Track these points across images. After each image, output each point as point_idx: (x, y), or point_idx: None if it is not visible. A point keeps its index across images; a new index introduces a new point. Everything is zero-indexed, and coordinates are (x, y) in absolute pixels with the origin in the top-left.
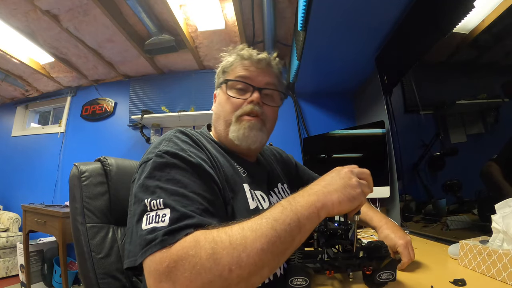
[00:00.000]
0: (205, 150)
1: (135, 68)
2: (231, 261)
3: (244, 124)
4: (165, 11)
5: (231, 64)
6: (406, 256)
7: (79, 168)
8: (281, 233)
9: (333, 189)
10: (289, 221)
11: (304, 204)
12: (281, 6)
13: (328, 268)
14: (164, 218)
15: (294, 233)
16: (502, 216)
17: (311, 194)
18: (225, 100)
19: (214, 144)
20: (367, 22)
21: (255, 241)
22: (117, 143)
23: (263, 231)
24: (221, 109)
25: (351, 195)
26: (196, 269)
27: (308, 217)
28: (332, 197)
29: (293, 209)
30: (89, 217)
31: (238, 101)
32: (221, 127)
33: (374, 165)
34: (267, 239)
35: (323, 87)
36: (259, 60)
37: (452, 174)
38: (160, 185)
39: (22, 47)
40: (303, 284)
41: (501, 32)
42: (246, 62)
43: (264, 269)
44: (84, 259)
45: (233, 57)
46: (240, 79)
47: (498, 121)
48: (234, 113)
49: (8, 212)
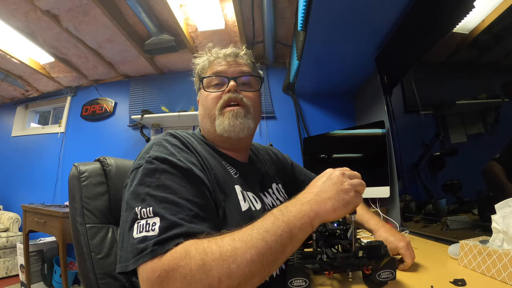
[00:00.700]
0: (195, 152)
1: (135, 68)
2: (221, 272)
3: (227, 114)
4: (165, 11)
5: (202, 67)
6: (409, 257)
7: (78, 168)
8: (271, 244)
9: (326, 197)
10: (280, 232)
11: (296, 214)
12: (281, 6)
13: (327, 268)
14: (154, 227)
15: (285, 243)
16: (502, 216)
17: (304, 203)
18: (205, 98)
19: (205, 145)
20: (367, 22)
21: (245, 253)
22: (117, 143)
23: (253, 243)
24: (203, 108)
25: (345, 200)
26: (186, 279)
27: (300, 228)
28: (326, 206)
29: (285, 219)
30: (88, 217)
31: (217, 94)
32: (208, 125)
33: (374, 165)
34: (257, 251)
35: (323, 87)
36: (227, 55)
37: (452, 174)
38: (150, 192)
39: (22, 47)
40: (302, 285)
41: (501, 32)
42: (216, 60)
43: (254, 279)
44: (83, 259)
45: (203, 59)
46: (215, 74)
47: (498, 121)
48: (216, 106)
49: (8, 212)
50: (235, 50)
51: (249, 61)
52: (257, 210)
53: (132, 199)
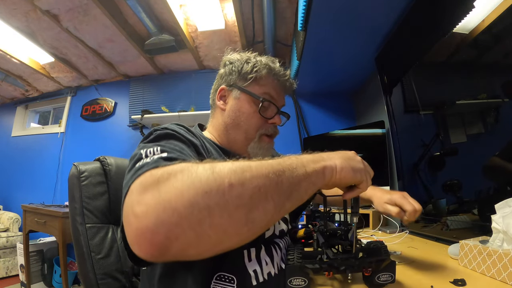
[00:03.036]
0: (200, 140)
1: (135, 68)
2: (233, 176)
3: (264, 145)
4: (165, 11)
5: (259, 74)
6: (407, 204)
7: (78, 168)
8: (286, 170)
9: (336, 156)
10: (295, 166)
11: (310, 158)
12: (281, 6)
13: (327, 269)
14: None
15: (299, 177)
16: (502, 216)
17: (315, 154)
18: (251, 113)
19: (209, 139)
20: (367, 22)
21: (260, 167)
22: (117, 143)
23: (268, 163)
24: (244, 120)
25: (354, 166)
26: (190, 179)
27: (314, 170)
28: (336, 161)
29: (299, 158)
30: (88, 217)
31: (264, 119)
32: (239, 137)
33: (374, 165)
34: (273, 169)
35: (323, 87)
36: (286, 81)
37: (452, 174)
38: (158, 143)
39: (22, 47)
40: (302, 285)
41: (501, 32)
42: (276, 80)
43: (268, 200)
44: (83, 260)
45: (264, 68)
46: (270, 99)
47: (498, 121)
48: (258, 131)
49: (8, 212)
50: (292, 80)
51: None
52: None
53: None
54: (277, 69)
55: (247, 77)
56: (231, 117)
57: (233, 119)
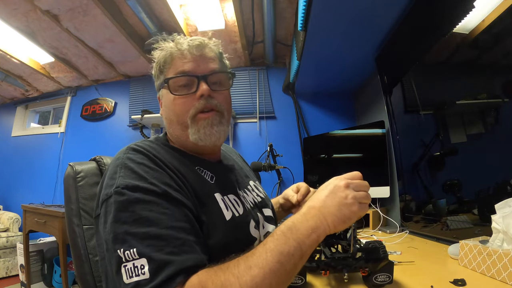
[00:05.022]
0: (166, 168)
1: (135, 68)
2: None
3: (202, 123)
4: (165, 11)
5: (164, 60)
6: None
7: (74, 168)
8: (286, 266)
9: (328, 212)
10: (293, 252)
11: (305, 232)
12: (281, 6)
13: (324, 268)
14: (144, 270)
15: (297, 262)
16: (502, 216)
17: (309, 219)
18: (172, 101)
19: (174, 152)
20: (367, 22)
21: (264, 279)
22: (117, 143)
23: (270, 267)
24: (171, 113)
25: (346, 216)
26: None
27: (309, 245)
28: (328, 221)
29: (295, 238)
30: (85, 219)
31: (187, 98)
32: (177, 132)
33: (374, 165)
34: (275, 275)
35: (323, 87)
36: (196, 46)
37: (452, 174)
38: (128, 230)
39: (22, 47)
40: (298, 283)
41: (501, 32)
42: (183, 53)
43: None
44: (81, 262)
45: (164, 52)
46: (182, 74)
47: (498, 121)
48: (188, 113)
49: (8, 212)
50: (203, 40)
51: (217, 52)
52: (241, 215)
53: (112, 240)
54: (176, 41)
55: (161, 75)
56: (164, 117)
57: (165, 117)
